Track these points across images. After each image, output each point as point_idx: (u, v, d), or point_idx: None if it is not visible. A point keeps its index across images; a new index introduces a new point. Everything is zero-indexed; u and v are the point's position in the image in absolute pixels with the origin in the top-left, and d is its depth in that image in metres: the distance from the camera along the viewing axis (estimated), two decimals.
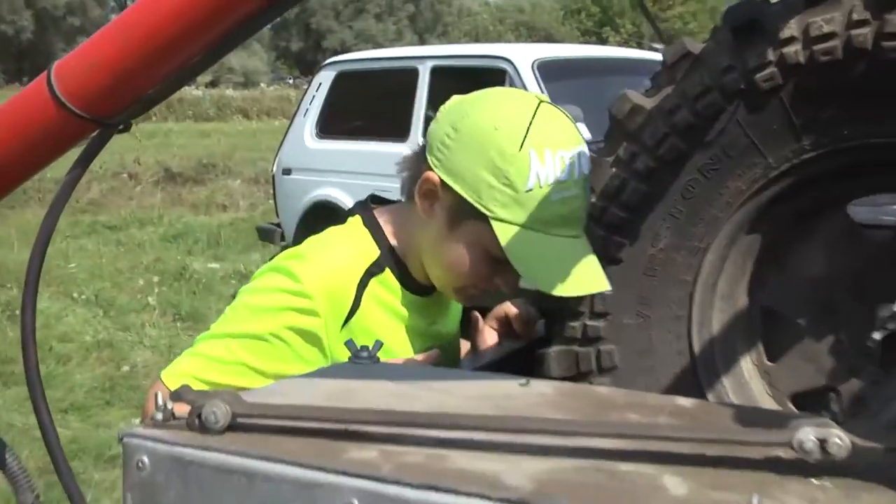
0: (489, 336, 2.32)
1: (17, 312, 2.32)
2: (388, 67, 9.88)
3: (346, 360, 1.72)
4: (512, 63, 8.39)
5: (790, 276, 2.10)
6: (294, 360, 1.92)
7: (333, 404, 1.21)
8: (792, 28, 1.81)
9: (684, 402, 1.36)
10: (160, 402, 1.15)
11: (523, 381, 1.41)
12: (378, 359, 1.61)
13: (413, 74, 9.30)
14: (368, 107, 9.68)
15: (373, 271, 2.04)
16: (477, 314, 2.39)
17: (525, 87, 8.13)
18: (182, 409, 1.15)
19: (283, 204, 10.49)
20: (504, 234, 1.87)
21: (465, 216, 1.94)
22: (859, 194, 2.06)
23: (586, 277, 1.91)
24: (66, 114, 1.12)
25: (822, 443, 0.97)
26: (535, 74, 8.22)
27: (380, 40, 78.85)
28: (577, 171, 1.93)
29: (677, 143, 1.94)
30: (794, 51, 1.82)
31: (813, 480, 0.99)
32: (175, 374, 1.87)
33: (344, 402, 1.22)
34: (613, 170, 2.00)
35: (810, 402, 1.99)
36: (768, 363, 2.14)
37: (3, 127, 1.18)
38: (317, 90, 10.27)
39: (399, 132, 9.23)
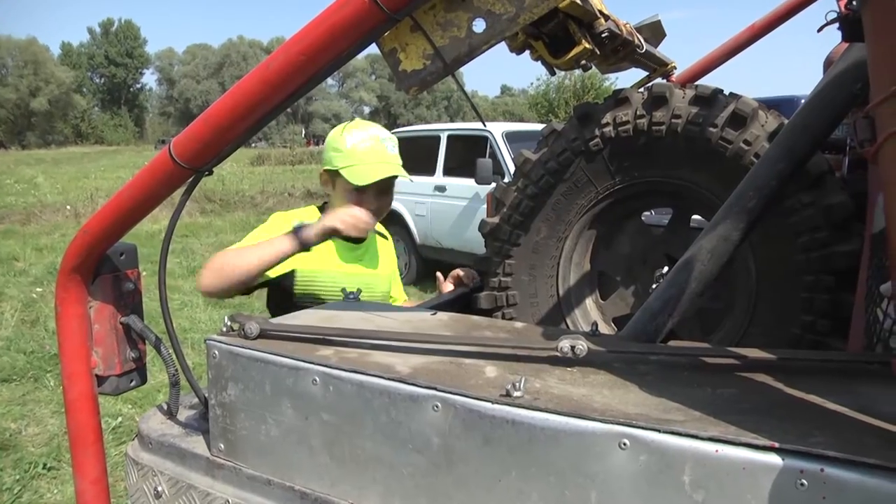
0: (447, 287, 2.27)
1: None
2: (424, 135, 9.80)
3: (296, 263, 1.96)
4: (491, 133, 8.33)
5: (612, 253, 2.08)
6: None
7: (322, 325, 1.18)
8: (607, 118, 1.80)
9: (517, 325, 1.31)
10: (225, 321, 1.16)
11: (433, 312, 1.37)
12: (359, 299, 1.56)
13: (438, 138, 9.23)
14: (412, 156, 9.62)
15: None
16: (439, 274, 2.34)
17: (500, 148, 8.12)
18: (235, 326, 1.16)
19: None
20: (345, 173, 2.00)
21: (333, 178, 2.07)
22: (644, 208, 2.06)
23: (381, 173, 2.02)
24: (175, 166, 1.10)
25: (573, 347, 0.96)
26: (504, 139, 8.17)
27: (428, 119, 79.61)
28: (371, 134, 2.07)
29: (549, 178, 1.93)
30: (608, 129, 1.80)
31: (567, 369, 0.98)
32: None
33: (328, 323, 1.20)
34: (515, 193, 1.99)
35: (623, 322, 1.99)
36: (601, 301, 2.13)
37: (145, 179, 1.16)
38: None
39: (430, 170, 9.16)
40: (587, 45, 1.30)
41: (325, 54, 0.96)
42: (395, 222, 9.60)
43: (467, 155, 8.40)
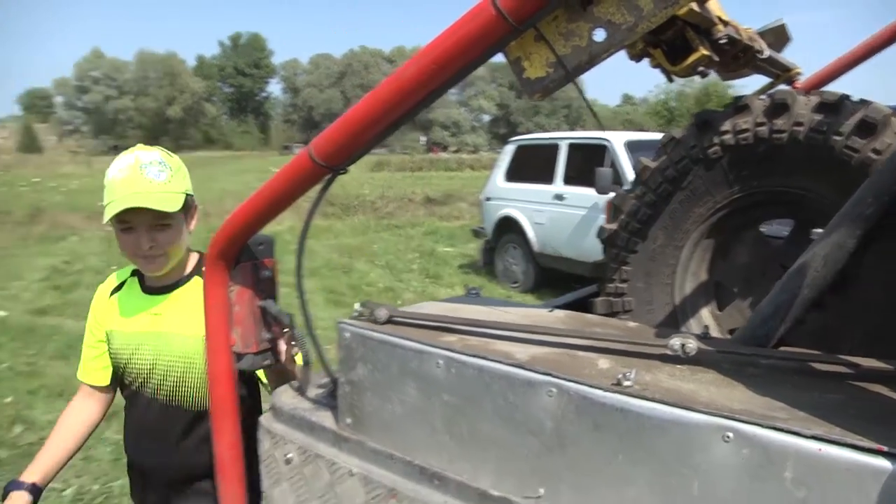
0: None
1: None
2: (544, 143, 9.82)
3: (109, 325, 1.92)
4: (611, 142, 8.28)
5: (729, 264, 2.08)
6: (96, 328, 1.97)
7: (445, 315, 1.27)
8: (727, 125, 1.80)
9: (630, 324, 1.36)
10: (356, 307, 1.27)
11: (550, 309, 1.42)
12: (480, 294, 1.61)
13: (557, 147, 9.23)
14: (532, 164, 9.63)
15: (124, 282, 1.97)
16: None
17: (620, 157, 8.05)
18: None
19: (485, 217, 10.52)
20: (105, 212, 1.72)
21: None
22: (764, 218, 2.04)
23: (120, 206, 1.71)
24: (314, 165, 1.22)
25: (683, 346, 1.01)
26: (625, 149, 8.09)
27: (548, 128, 79.48)
28: (130, 161, 1.78)
29: (667, 186, 1.95)
30: (727, 137, 1.81)
31: (677, 366, 1.02)
32: (79, 370, 2.01)
33: (451, 314, 1.27)
34: (633, 201, 2.02)
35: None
36: (718, 312, 2.12)
37: (285, 176, 1.28)
38: (505, 155, 10.34)
39: (549, 178, 9.18)
40: (705, 52, 1.33)
41: (455, 63, 1.05)
42: (513, 229, 9.68)
43: (587, 164, 8.37)
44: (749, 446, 0.80)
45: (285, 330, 1.46)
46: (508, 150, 10.29)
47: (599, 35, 0.98)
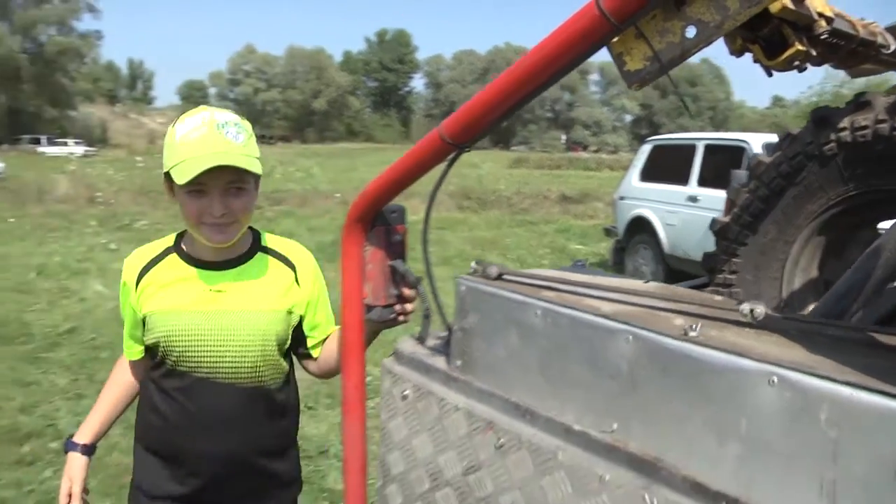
0: None
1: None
2: (681, 143, 9.70)
3: (150, 306, 1.82)
4: (748, 143, 8.10)
5: (842, 263, 2.11)
6: (126, 306, 1.90)
7: (548, 276, 1.44)
8: (845, 122, 1.85)
9: (716, 297, 1.47)
10: (472, 265, 1.48)
11: (646, 280, 1.54)
12: (586, 266, 1.76)
13: (693, 148, 9.10)
14: (668, 164, 9.54)
15: (163, 255, 1.86)
16: None
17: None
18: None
19: (618, 216, 10.50)
20: (174, 172, 1.66)
21: (171, 182, 1.72)
22: (880, 218, 2.06)
23: (205, 164, 1.63)
24: (442, 142, 1.41)
25: (752, 310, 1.13)
26: (764, 151, 7.88)
27: (692, 130, 77.49)
28: (204, 120, 1.68)
29: (780, 181, 2.02)
30: (845, 134, 1.85)
31: (744, 328, 1.15)
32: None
33: (554, 277, 1.45)
34: (747, 195, 2.10)
35: None
36: None
37: (416, 152, 1.46)
38: (642, 154, 10.28)
39: (684, 180, 9.08)
40: (801, 48, 1.42)
41: (564, 58, 1.22)
42: (644, 230, 9.63)
43: (723, 166, 8.24)
44: (791, 390, 0.92)
45: (411, 289, 1.68)
46: (644, 150, 10.24)
47: (691, 32, 1.13)
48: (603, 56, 1.26)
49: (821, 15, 1.50)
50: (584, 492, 1.11)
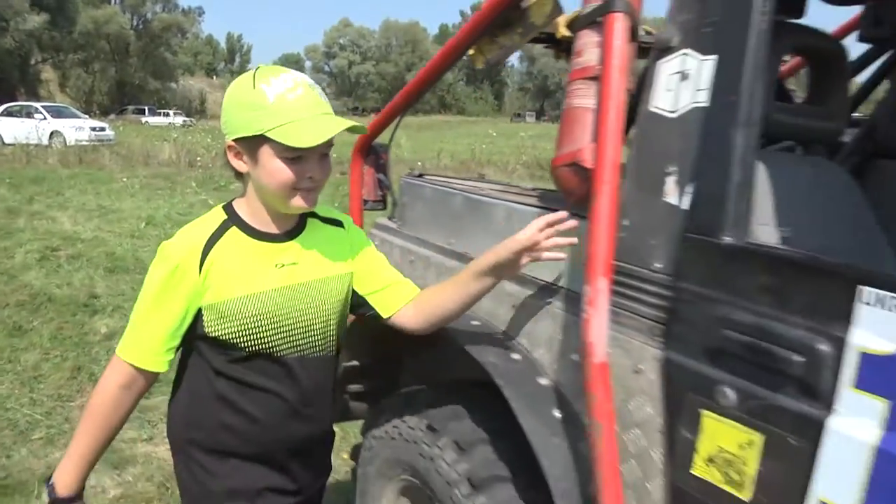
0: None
1: None
2: None
3: (223, 292, 1.64)
4: None
5: None
6: (175, 299, 1.64)
7: (448, 176, 2.66)
8: None
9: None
10: (407, 171, 2.68)
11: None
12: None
13: None
14: None
15: (222, 230, 1.67)
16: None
17: None
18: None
19: None
20: (278, 135, 1.52)
21: (255, 147, 1.58)
22: None
23: (331, 129, 1.55)
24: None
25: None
26: None
27: None
28: (296, 80, 1.58)
29: None
30: None
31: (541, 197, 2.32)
32: (123, 347, 1.68)
33: (453, 176, 2.66)
34: None
35: None
36: None
37: (401, 96, 2.71)
38: None
39: None
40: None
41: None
42: None
43: None
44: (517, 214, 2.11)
45: (387, 190, 2.89)
46: None
47: (502, 49, 2.30)
48: None
49: None
50: (446, 272, 2.31)
